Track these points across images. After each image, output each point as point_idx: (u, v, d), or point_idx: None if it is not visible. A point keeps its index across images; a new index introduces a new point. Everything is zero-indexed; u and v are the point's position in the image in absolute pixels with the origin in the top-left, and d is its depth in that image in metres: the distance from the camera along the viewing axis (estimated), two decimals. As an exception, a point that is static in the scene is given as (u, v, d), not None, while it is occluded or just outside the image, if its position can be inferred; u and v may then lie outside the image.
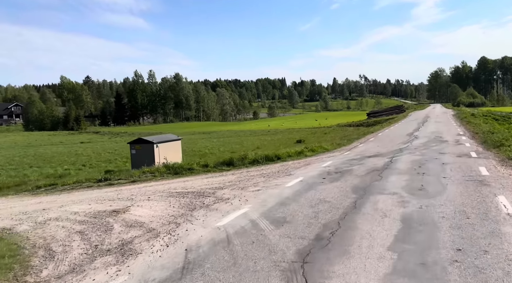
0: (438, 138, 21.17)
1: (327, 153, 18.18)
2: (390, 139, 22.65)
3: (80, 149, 38.57)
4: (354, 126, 56.02)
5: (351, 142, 22.83)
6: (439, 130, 26.69)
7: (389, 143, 19.94)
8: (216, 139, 47.94)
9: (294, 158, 17.09)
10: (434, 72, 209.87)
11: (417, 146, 17.70)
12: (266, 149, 31.13)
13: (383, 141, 21.47)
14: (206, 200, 8.86)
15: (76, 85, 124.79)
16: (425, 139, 20.89)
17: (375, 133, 29.23)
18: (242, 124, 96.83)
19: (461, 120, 38.00)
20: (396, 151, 16.32)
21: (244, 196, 8.93)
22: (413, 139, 21.03)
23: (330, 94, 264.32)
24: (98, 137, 68.03)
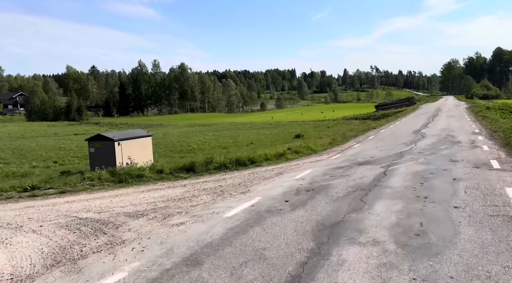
0: (449, 137, 17.74)
1: (312, 156, 14.99)
2: (393, 137, 19.29)
3: (68, 142, 36.04)
4: (360, 119, 52.81)
5: (347, 140, 19.55)
6: (451, 127, 23.18)
7: (390, 144, 16.63)
8: (212, 133, 44.98)
9: (271, 162, 13.99)
10: (447, 63, 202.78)
11: (423, 148, 14.36)
12: (259, 145, 28.05)
13: (384, 141, 18.14)
14: (90, 244, 5.80)
15: (82, 75, 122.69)
16: (434, 138, 17.50)
17: (378, 129, 25.86)
18: (246, 116, 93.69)
19: (475, 114, 34.23)
20: (395, 155, 13.04)
21: (149, 239, 5.85)
22: (419, 139, 17.64)
23: (340, 86, 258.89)
24: (95, 129, 65.61)
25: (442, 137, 17.96)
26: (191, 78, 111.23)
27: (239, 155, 14.14)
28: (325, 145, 17.53)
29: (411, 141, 17.07)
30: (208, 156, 14.31)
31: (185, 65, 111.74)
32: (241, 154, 14.61)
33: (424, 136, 18.53)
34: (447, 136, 18.26)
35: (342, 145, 17.73)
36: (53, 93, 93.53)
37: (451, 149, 13.74)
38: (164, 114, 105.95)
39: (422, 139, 17.34)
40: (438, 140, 16.83)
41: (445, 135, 18.75)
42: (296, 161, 13.84)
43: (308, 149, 16.28)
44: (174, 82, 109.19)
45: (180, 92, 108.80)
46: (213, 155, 14.24)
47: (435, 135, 18.69)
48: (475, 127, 22.71)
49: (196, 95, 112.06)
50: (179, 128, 60.56)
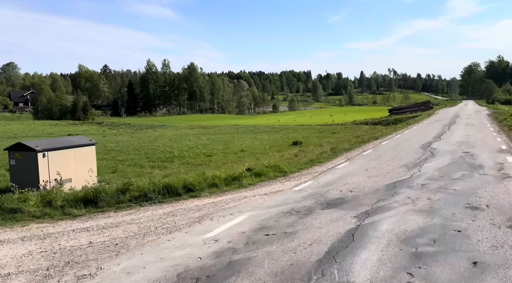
0: (468, 157, 13.29)
1: (276, 181, 10.85)
2: (394, 154, 14.92)
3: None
4: (371, 124, 48.37)
5: (335, 155, 15.26)
6: (470, 140, 18.60)
7: (386, 165, 12.31)
8: (208, 136, 41.16)
9: (217, 190, 10.04)
10: (467, 67, 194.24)
11: (429, 177, 10.02)
12: (249, 153, 24.53)
13: (380, 159, 13.81)
14: None
15: (94, 74, 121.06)
16: (446, 158, 13.08)
17: (381, 138, 21.43)
18: (253, 118, 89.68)
19: (499, 123, 29.31)
20: (385, 190, 8.79)
21: None
22: (426, 158, 13.24)
23: (356, 88, 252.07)
24: (94, 129, 62.80)
25: (457, 156, 13.52)
26: (200, 78, 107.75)
27: (171, 181, 10.13)
28: (301, 164, 13.32)
29: (416, 161, 12.70)
30: (127, 181, 10.34)
31: (194, 65, 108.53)
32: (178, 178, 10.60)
33: (434, 154, 14.09)
34: (465, 154, 13.80)
35: (325, 164, 13.51)
36: (60, 92, 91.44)
37: (469, 181, 9.37)
38: (173, 114, 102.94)
39: (430, 159, 12.93)
40: (452, 161, 12.41)
41: (462, 152, 14.28)
42: (248, 191, 9.77)
43: (276, 170, 12.13)
44: (184, 82, 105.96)
45: (189, 92, 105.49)
46: (131, 181, 10.25)
47: (448, 153, 14.25)
48: (501, 140, 18.08)
49: (205, 96, 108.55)
50: (178, 130, 57.06)
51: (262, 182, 10.84)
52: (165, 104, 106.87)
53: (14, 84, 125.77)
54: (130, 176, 17.49)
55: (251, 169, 11.85)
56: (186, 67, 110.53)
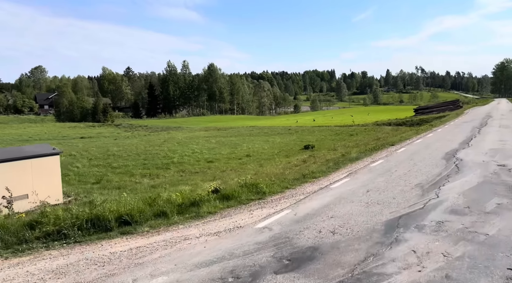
0: (504, 173, 10.17)
1: (244, 209, 8.20)
2: (409, 166, 11.93)
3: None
4: (394, 125, 44.74)
5: (336, 168, 12.39)
6: (506, 147, 15.27)
7: (395, 184, 9.41)
8: (218, 139, 39.00)
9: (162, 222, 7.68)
10: (500, 64, 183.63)
11: (449, 209, 7.08)
12: (255, 158, 23.15)
13: (390, 174, 10.89)
14: None
15: (117, 76, 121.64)
16: (475, 175, 10.01)
17: (398, 144, 18.27)
18: (272, 119, 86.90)
19: (539, 125, 25.44)
20: (383, 231, 5.99)
21: None
22: (449, 175, 10.20)
23: (382, 87, 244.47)
24: (109, 131, 61.93)
25: (490, 170, 10.42)
26: (220, 79, 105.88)
27: (100, 212, 7.66)
28: (289, 181, 10.59)
29: (434, 179, 9.72)
30: (37, 219, 7.90)
31: (214, 65, 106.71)
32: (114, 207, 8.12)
33: (459, 168, 11.00)
34: (500, 169, 10.66)
35: (320, 180, 10.73)
36: (82, 94, 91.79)
37: (510, 217, 6.43)
38: (192, 115, 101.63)
39: (454, 176, 9.90)
40: (484, 180, 9.36)
41: (496, 165, 11.14)
42: (200, 225, 7.20)
43: (252, 190, 9.49)
44: (203, 83, 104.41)
45: (208, 93, 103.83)
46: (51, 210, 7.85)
47: (478, 166, 11.14)
48: (545, 148, 14.71)
49: (225, 97, 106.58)
50: (192, 132, 55.20)
51: (227, 209, 8.25)
52: (185, 105, 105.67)
53: (42, 87, 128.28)
54: (113, 186, 15.42)
55: (219, 190, 9.26)
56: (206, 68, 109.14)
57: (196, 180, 16.03)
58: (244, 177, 11.02)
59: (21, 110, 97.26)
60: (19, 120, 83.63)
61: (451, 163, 11.96)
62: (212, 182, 13.62)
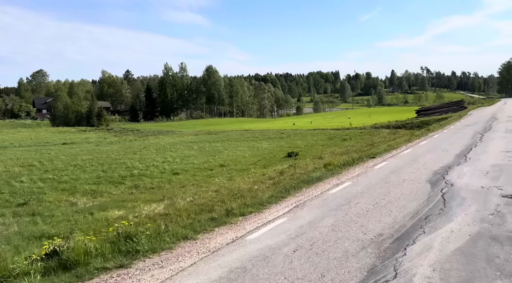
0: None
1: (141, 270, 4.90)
2: (377, 196, 8.45)
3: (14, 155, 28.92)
4: (393, 127, 41.11)
5: (281, 197, 9.02)
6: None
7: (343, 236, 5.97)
8: (202, 144, 35.78)
9: None
10: (506, 63, 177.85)
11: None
12: (228, 169, 19.15)
13: (346, 210, 7.45)
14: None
15: (116, 79, 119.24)
16: (469, 221, 6.43)
17: (379, 157, 14.77)
18: (271, 121, 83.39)
19: (552, 129, 21.71)
20: None
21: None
22: (428, 218, 6.64)
23: (387, 88, 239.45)
24: (98, 136, 59.12)
25: (492, 210, 6.87)
26: (218, 81, 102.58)
27: None
28: (200, 224, 7.24)
29: (404, 227, 6.23)
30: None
31: (213, 67, 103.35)
32: None
33: (446, 203, 7.49)
34: (508, 205, 7.17)
35: (248, 220, 7.40)
36: (77, 98, 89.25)
37: None
38: (191, 118, 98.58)
39: (434, 222, 6.36)
40: (480, 230, 5.81)
41: (501, 198, 7.60)
42: None
43: (122, 246, 6.16)
44: (201, 85, 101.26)
45: (207, 96, 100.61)
46: None
47: (474, 199, 7.62)
48: None
49: (224, 99, 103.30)
50: (181, 136, 52.05)
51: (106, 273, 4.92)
52: (184, 108, 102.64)
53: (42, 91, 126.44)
54: (29, 212, 12.40)
55: (59, 253, 5.87)
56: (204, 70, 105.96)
57: (141, 200, 13.29)
58: (138, 213, 7.69)
59: (17, 114, 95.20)
60: (13, 125, 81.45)
61: (436, 191, 8.48)
62: (157, 204, 10.57)
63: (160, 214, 10.53)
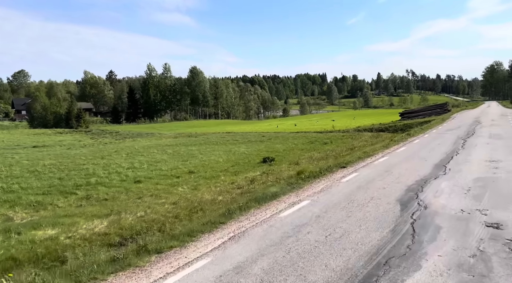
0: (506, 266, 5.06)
1: None
2: (335, 222, 6.80)
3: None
4: (376, 131, 39.89)
5: (213, 227, 7.25)
6: (498, 173, 10.18)
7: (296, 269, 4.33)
8: (177, 148, 33.92)
9: None
10: (490, 66, 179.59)
11: None
12: (198, 176, 17.45)
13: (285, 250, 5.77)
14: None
15: (99, 80, 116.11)
16: (442, 269, 4.89)
17: (351, 166, 13.13)
18: (255, 123, 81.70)
19: (537, 134, 20.46)
20: None
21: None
22: (387, 267, 5.09)
23: (373, 90, 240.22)
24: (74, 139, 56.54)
25: (473, 249, 5.19)
26: (203, 82, 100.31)
27: None
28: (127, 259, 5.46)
29: (359, 274, 4.61)
30: None
31: (197, 68, 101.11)
32: None
33: (415, 234, 5.81)
34: (493, 241, 5.50)
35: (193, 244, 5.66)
36: (56, 99, 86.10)
37: None
38: (175, 120, 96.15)
39: (395, 272, 4.77)
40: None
41: (483, 229, 5.95)
42: None
43: None
44: (186, 86, 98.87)
45: (191, 97, 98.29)
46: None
47: (451, 230, 5.94)
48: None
49: (209, 101, 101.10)
50: (159, 139, 49.98)
51: None
52: (168, 110, 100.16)
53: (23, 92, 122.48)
54: None
55: None
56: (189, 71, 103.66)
57: (86, 215, 11.70)
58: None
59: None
60: (-12, 126, 78.10)
61: (406, 216, 6.81)
62: (101, 220, 9.36)
63: (100, 233, 8.91)
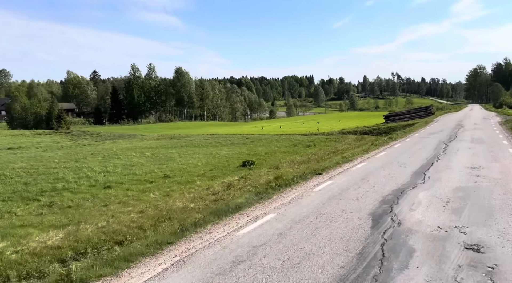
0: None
1: None
2: (312, 229, 5.92)
3: None
4: (360, 133, 39.71)
5: (156, 250, 6.34)
6: (480, 182, 9.49)
7: None
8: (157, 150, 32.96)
9: None
10: (473, 70, 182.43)
11: None
12: (173, 181, 16.70)
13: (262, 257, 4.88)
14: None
15: (82, 80, 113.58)
16: None
17: (330, 171, 12.35)
18: (240, 125, 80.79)
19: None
20: None
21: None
22: None
23: (360, 93, 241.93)
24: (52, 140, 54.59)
25: (451, 272, 4.47)
26: (188, 83, 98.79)
27: None
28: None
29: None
30: None
31: (182, 69, 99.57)
32: None
33: (384, 259, 5.05)
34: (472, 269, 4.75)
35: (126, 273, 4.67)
36: (36, 99, 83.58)
37: None
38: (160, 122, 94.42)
39: None
40: None
41: (461, 253, 5.19)
42: None
43: None
44: (171, 87, 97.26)
45: (176, 98, 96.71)
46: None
47: (425, 255, 5.18)
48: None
49: (195, 102, 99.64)
50: (140, 141, 48.64)
51: None
52: (152, 111, 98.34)
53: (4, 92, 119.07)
54: None
55: None
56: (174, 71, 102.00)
57: (43, 224, 10.94)
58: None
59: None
60: (-35, 127, 75.28)
61: (377, 235, 5.98)
62: (57, 231, 8.37)
63: (52, 247, 7.85)
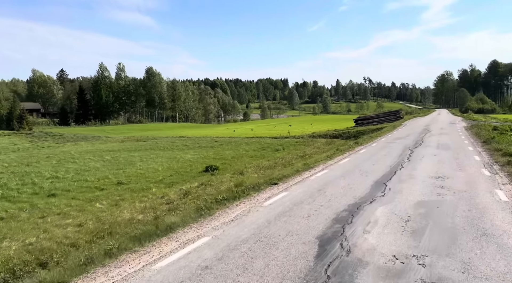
0: None
1: None
2: (246, 260, 4.78)
3: None
4: (330, 137, 39.37)
5: (89, 267, 5.01)
6: (443, 195, 8.64)
7: None
8: (115, 155, 31.00)
9: None
10: (441, 76, 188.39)
11: None
12: (126, 188, 15.49)
13: None
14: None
15: (48, 79, 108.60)
16: None
17: (287, 182, 11.28)
18: (213, 127, 79.19)
19: (484, 144, 19.73)
20: None
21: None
22: None
23: (333, 96, 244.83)
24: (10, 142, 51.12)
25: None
26: (159, 84, 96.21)
27: None
28: None
29: None
30: None
31: (153, 69, 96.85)
32: None
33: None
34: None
35: None
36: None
37: None
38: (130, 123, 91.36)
39: None
40: None
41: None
42: None
43: None
44: (141, 88, 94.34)
45: (147, 99, 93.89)
46: None
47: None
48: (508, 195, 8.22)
49: (166, 103, 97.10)
50: (104, 143, 46.32)
51: None
52: (121, 112, 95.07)
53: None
54: None
55: None
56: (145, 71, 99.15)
57: None
58: None
59: None
60: None
61: (320, 268, 4.84)
62: None
63: None
